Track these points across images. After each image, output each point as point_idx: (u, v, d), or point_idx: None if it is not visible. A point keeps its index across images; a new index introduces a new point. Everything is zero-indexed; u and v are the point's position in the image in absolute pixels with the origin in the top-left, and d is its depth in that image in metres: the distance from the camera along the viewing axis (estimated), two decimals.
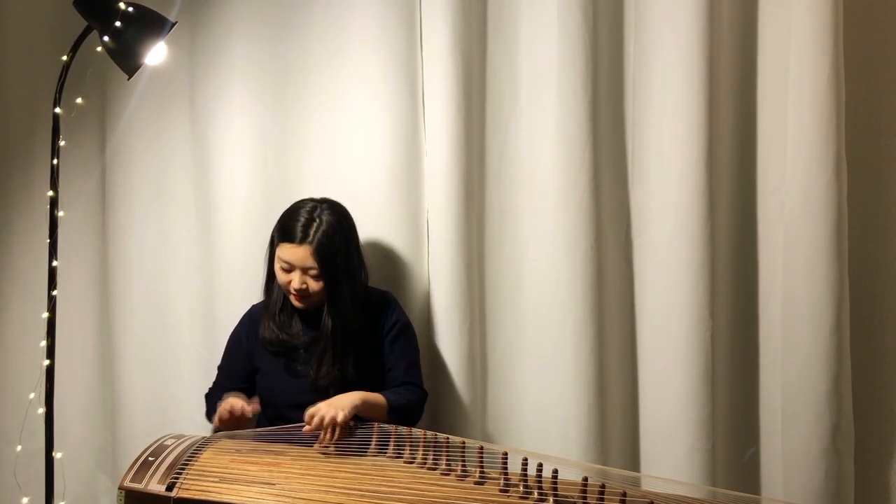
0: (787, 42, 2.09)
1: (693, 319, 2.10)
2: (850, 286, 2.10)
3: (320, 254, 1.89)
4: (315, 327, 1.98)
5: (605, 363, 2.18)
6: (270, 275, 2.02)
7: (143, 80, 2.22)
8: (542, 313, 2.20)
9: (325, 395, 1.89)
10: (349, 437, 1.76)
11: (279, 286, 1.99)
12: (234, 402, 1.87)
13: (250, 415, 1.88)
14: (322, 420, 1.74)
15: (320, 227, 1.91)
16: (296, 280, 1.91)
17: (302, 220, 1.92)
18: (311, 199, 1.99)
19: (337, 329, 1.94)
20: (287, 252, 1.91)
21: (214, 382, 2.09)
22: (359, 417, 1.83)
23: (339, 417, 1.74)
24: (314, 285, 1.92)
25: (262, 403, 2.00)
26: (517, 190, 2.23)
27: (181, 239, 2.33)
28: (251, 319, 2.07)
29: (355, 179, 2.19)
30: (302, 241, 1.89)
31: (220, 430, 1.94)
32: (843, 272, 2.08)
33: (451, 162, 2.16)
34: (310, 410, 1.77)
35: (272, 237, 2.00)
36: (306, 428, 1.75)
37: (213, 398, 2.04)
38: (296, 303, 1.96)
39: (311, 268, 1.90)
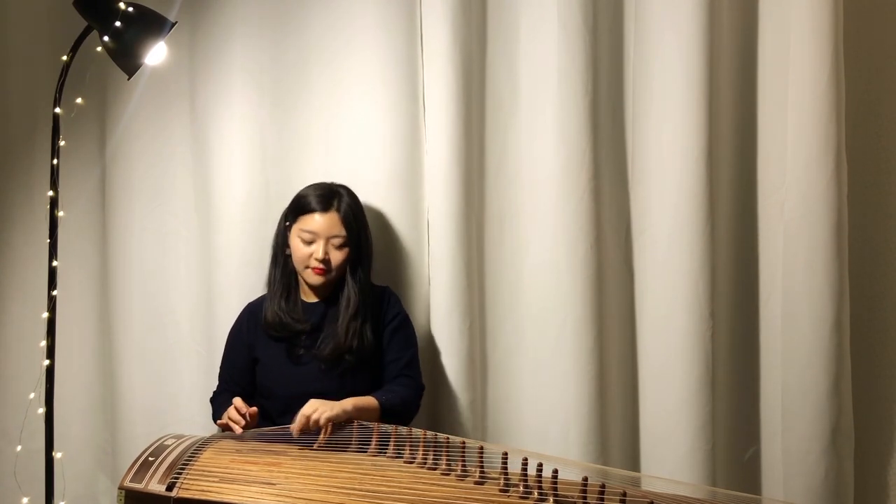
0: (787, 42, 2.09)
1: (693, 319, 2.11)
2: (850, 286, 2.11)
3: (348, 220, 1.94)
4: (317, 315, 1.99)
5: (606, 363, 2.18)
6: (275, 260, 2.03)
7: (143, 80, 2.22)
8: (543, 313, 2.21)
9: (334, 378, 1.92)
10: (348, 433, 1.76)
11: (283, 273, 2.00)
12: (236, 414, 1.86)
13: (250, 417, 1.88)
14: (307, 419, 1.76)
15: (344, 198, 1.97)
16: (319, 250, 1.93)
17: (322, 192, 1.97)
18: (322, 183, 2.03)
19: (359, 297, 1.97)
20: (311, 222, 1.94)
21: (218, 384, 2.09)
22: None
23: (322, 418, 1.75)
24: (337, 255, 1.94)
25: (263, 395, 2.01)
26: (517, 190, 2.23)
27: (181, 239, 2.33)
28: (251, 311, 2.08)
29: (355, 179, 2.19)
30: (327, 209, 1.94)
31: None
32: (843, 272, 2.08)
33: (452, 162, 2.16)
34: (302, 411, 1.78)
35: (283, 220, 2.02)
36: (293, 427, 1.76)
37: (217, 401, 2.05)
38: (314, 278, 1.96)
39: (336, 235, 1.93)
